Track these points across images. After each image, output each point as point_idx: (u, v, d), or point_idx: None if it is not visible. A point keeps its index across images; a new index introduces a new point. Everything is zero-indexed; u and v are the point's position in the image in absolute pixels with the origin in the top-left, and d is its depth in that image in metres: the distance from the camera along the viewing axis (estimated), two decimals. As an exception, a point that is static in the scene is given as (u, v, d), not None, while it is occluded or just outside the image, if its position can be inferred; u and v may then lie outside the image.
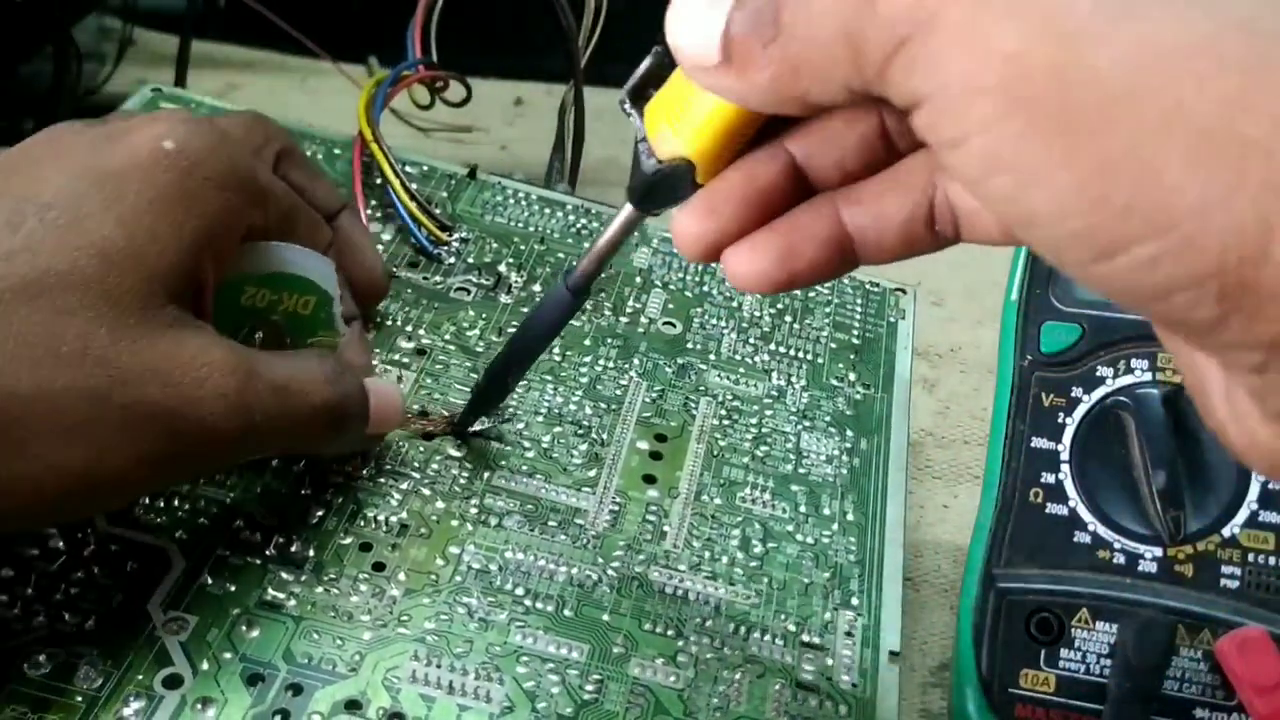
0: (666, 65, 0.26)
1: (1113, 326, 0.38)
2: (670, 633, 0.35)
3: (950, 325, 0.56)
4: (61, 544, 0.33)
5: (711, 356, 0.44)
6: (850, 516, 0.39)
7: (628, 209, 0.29)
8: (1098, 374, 0.37)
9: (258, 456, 0.35)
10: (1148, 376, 0.37)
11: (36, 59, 0.65)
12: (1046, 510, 0.36)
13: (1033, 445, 0.37)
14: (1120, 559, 0.35)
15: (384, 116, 0.48)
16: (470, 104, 0.54)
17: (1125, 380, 0.37)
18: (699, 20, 0.22)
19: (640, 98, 0.27)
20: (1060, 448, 0.37)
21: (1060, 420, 0.37)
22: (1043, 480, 0.37)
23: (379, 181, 0.47)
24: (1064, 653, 0.35)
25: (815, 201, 0.26)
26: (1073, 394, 0.37)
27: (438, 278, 0.45)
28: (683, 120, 0.25)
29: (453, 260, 0.46)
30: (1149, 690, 0.33)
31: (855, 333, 0.47)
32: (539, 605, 0.34)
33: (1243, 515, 0.35)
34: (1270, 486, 0.35)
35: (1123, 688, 0.33)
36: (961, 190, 0.25)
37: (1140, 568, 0.35)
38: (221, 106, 0.51)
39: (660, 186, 0.27)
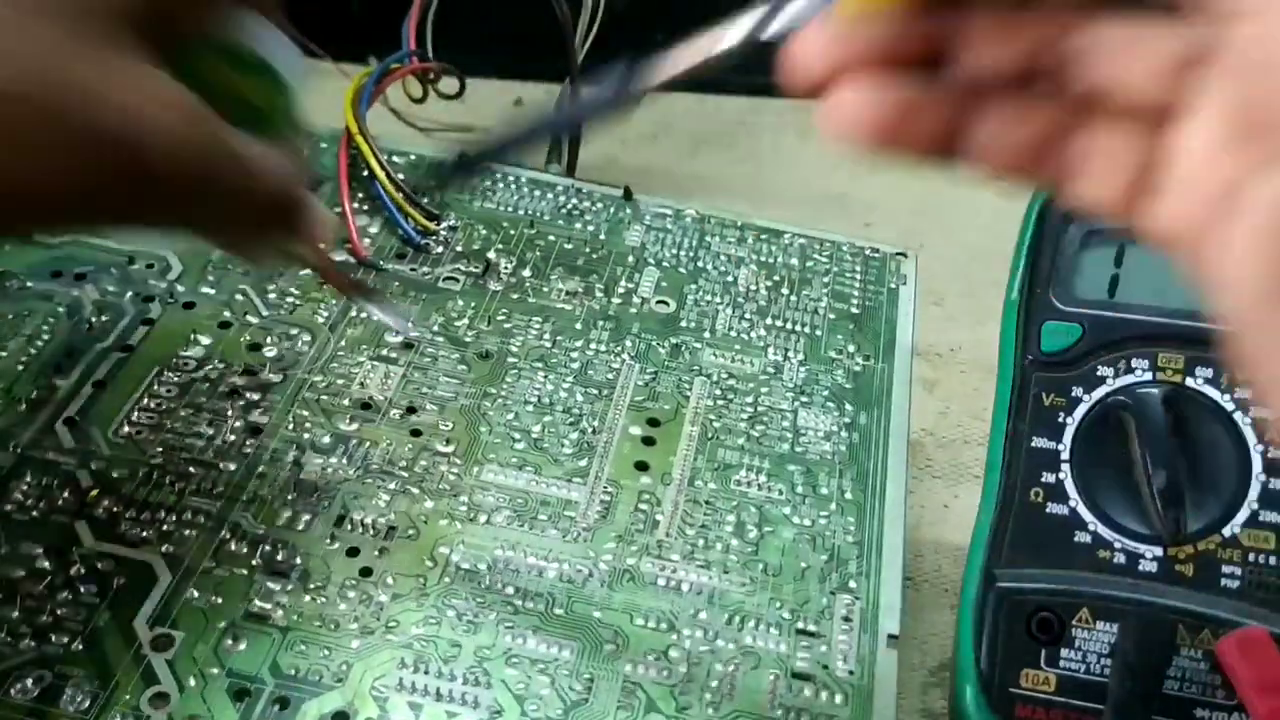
0: None
1: (1113, 326, 0.37)
2: (663, 626, 0.34)
3: (950, 325, 0.55)
4: (47, 564, 0.33)
5: (706, 334, 0.44)
6: (849, 495, 0.38)
7: (748, 19, 0.25)
8: (1098, 374, 0.37)
9: (191, 226, 0.30)
10: (1148, 376, 0.36)
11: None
12: (1047, 510, 0.36)
13: (1033, 445, 0.36)
14: (1120, 559, 0.35)
15: (384, 117, 0.48)
16: (470, 104, 0.54)
17: (1125, 380, 0.36)
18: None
19: None
20: (1060, 448, 0.36)
21: (1060, 420, 0.37)
22: (1043, 480, 0.36)
23: (365, 174, 0.46)
24: (1064, 652, 0.34)
25: (947, 83, 0.23)
26: (1073, 394, 0.37)
27: (426, 268, 0.45)
28: None
29: (441, 250, 0.45)
30: (1149, 690, 0.33)
31: (855, 302, 0.46)
32: (528, 604, 0.34)
33: (1243, 515, 0.34)
34: (1271, 486, 0.34)
35: (1123, 687, 0.33)
36: (1105, 139, 0.22)
37: (1140, 567, 0.35)
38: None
39: None
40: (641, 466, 0.38)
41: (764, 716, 0.32)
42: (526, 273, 0.45)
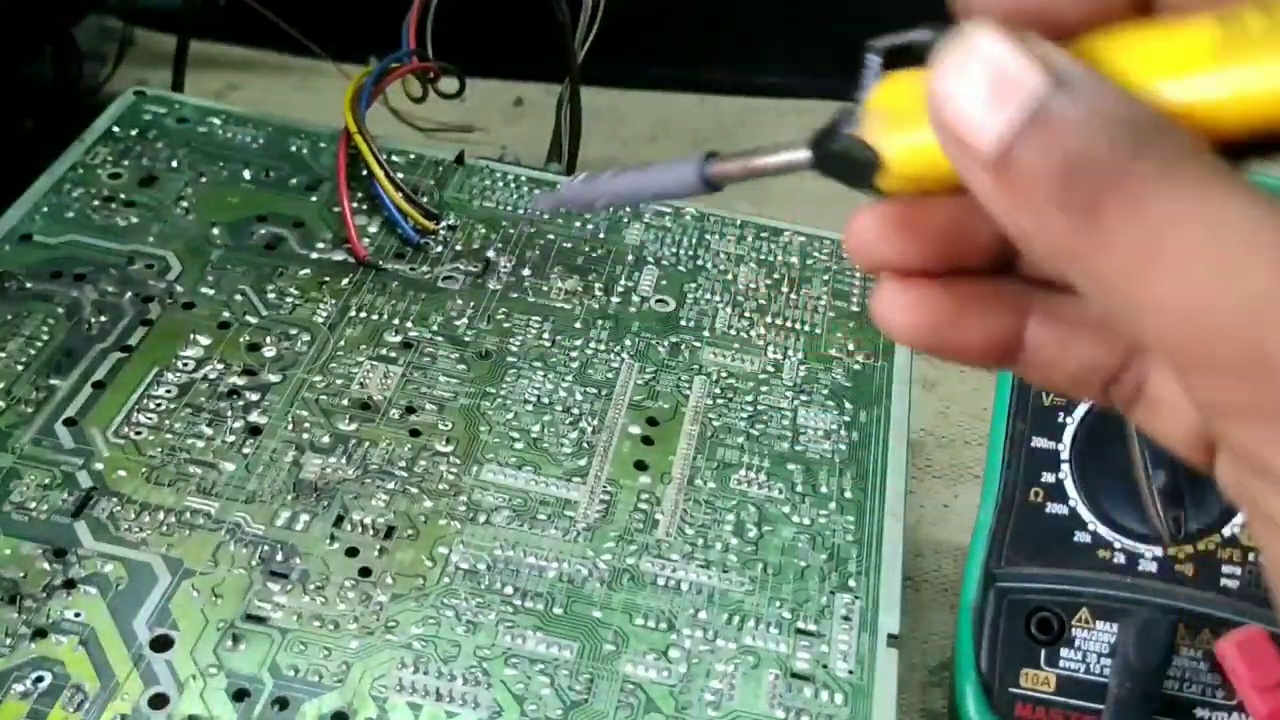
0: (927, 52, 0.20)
1: None
2: (662, 626, 0.34)
3: None
4: (47, 565, 0.33)
5: (706, 333, 0.44)
6: (849, 494, 0.38)
7: (802, 152, 0.23)
8: None
9: None
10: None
11: (37, 59, 0.65)
12: (1046, 510, 0.36)
13: (1033, 445, 0.37)
14: (1120, 558, 0.35)
15: (385, 118, 0.47)
16: (471, 104, 0.54)
17: None
18: (987, 97, 0.16)
19: (893, 59, 0.22)
20: (1060, 447, 0.36)
21: (1060, 420, 0.37)
22: (1043, 480, 0.36)
23: (364, 173, 0.46)
24: (1064, 652, 0.34)
25: (1009, 288, 0.21)
26: None
27: (424, 268, 0.45)
28: (908, 129, 0.20)
29: (440, 249, 0.45)
30: (1149, 690, 0.33)
31: (855, 299, 0.46)
32: (528, 604, 0.34)
33: (1243, 514, 0.34)
34: None
35: (1123, 687, 0.33)
36: (1166, 380, 0.20)
37: (1141, 567, 0.35)
38: (213, 108, 0.50)
39: (842, 158, 0.22)
40: (641, 466, 0.38)
41: (764, 716, 0.32)
42: (526, 272, 0.45)
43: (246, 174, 0.47)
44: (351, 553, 0.35)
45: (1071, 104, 0.16)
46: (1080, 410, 0.37)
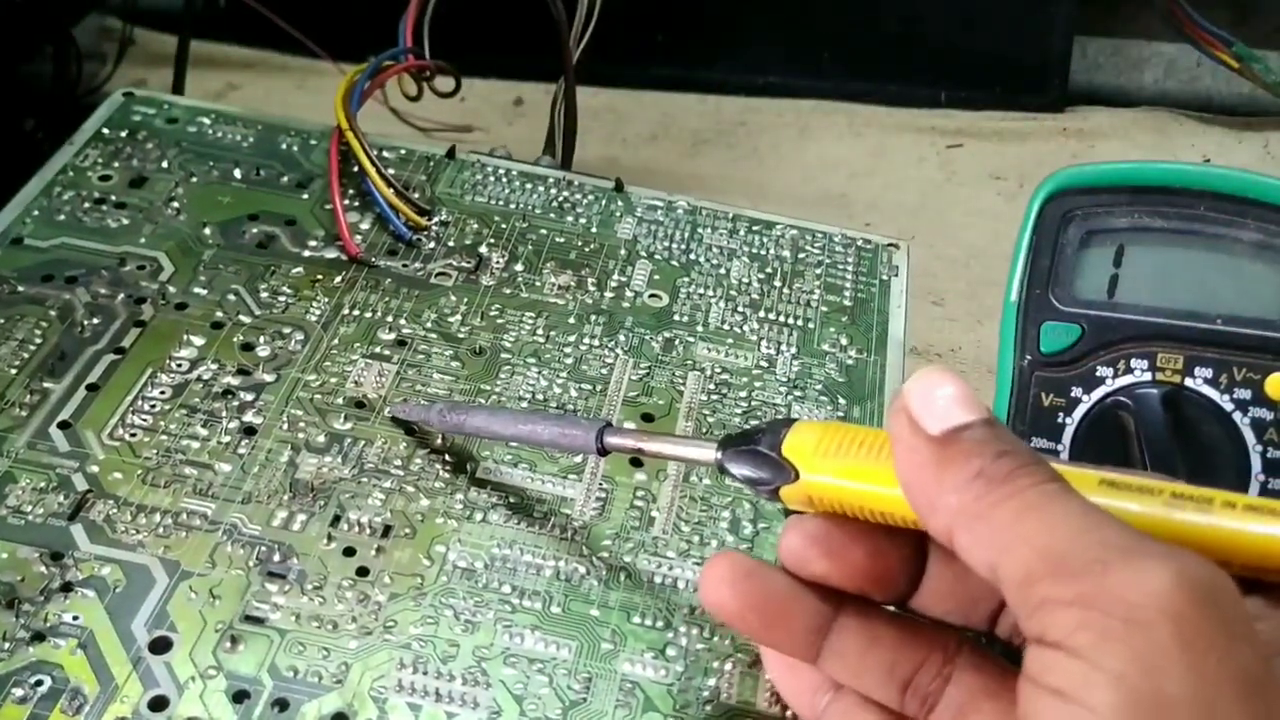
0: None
1: (1112, 326, 0.37)
2: (660, 624, 0.34)
3: (950, 325, 0.55)
4: (44, 569, 0.33)
5: (699, 328, 0.44)
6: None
7: (711, 451, 0.30)
8: (1097, 374, 0.37)
9: None
10: (1147, 376, 0.36)
11: (37, 59, 0.65)
12: None
13: (1032, 445, 0.36)
14: None
15: (386, 118, 0.47)
16: (471, 104, 0.54)
17: (1125, 380, 0.36)
18: (945, 394, 0.24)
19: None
20: (1060, 448, 0.36)
21: (1060, 420, 0.37)
22: None
23: (355, 169, 0.46)
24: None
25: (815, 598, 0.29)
26: (1072, 394, 0.37)
27: (417, 264, 0.45)
28: (837, 452, 0.27)
29: (433, 245, 0.45)
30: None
31: (847, 294, 0.46)
32: (525, 603, 0.34)
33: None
34: (1269, 485, 0.35)
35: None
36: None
37: None
38: (202, 107, 0.50)
39: (760, 459, 0.28)
40: (636, 463, 0.38)
41: (762, 714, 0.32)
42: (519, 267, 0.45)
43: (237, 173, 0.47)
44: (349, 552, 0.35)
45: (995, 431, 0.24)
46: (1080, 411, 0.37)
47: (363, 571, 0.34)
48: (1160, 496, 0.23)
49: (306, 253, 0.44)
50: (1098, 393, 0.37)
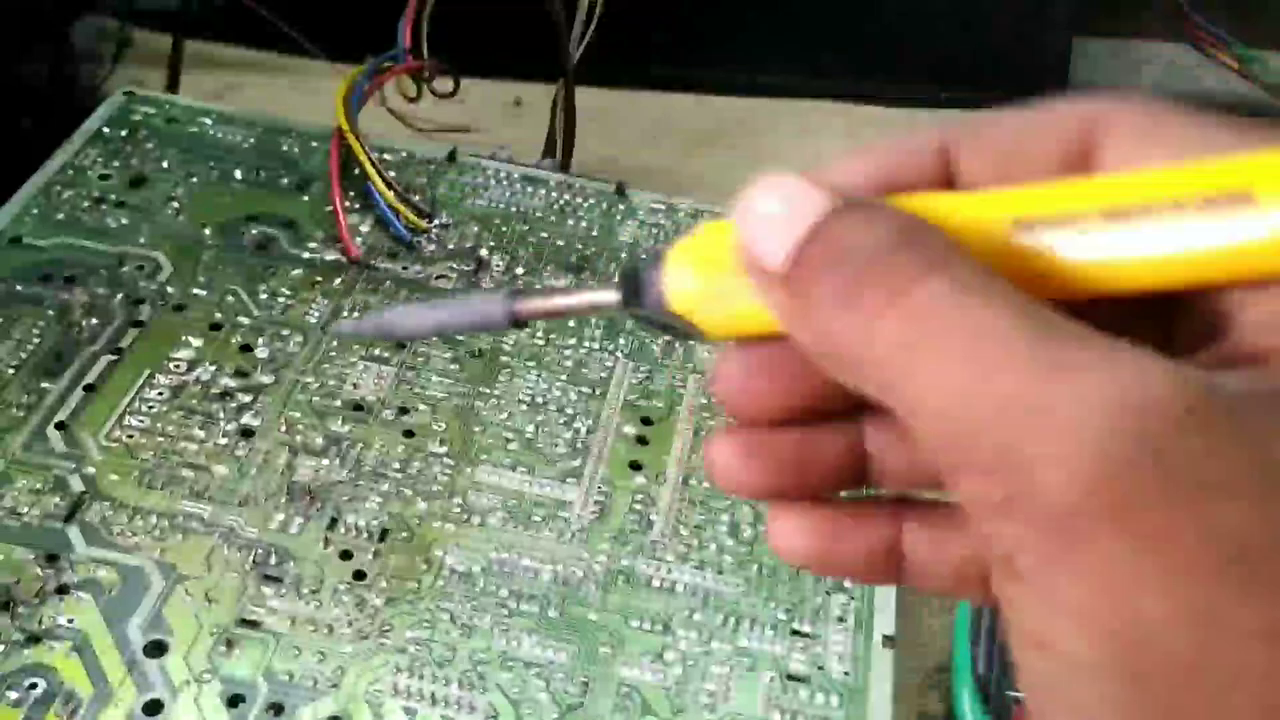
0: None
1: None
2: (658, 628, 0.34)
3: None
4: (39, 570, 0.33)
5: (700, 331, 0.43)
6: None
7: (612, 297, 0.22)
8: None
9: None
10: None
11: (33, 59, 0.65)
12: None
13: None
14: None
15: (382, 118, 0.47)
16: (470, 105, 0.53)
17: None
18: (777, 214, 0.18)
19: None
20: None
21: None
22: None
23: (356, 172, 0.46)
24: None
25: (883, 505, 0.21)
26: None
27: (417, 267, 0.44)
28: (714, 287, 0.20)
29: (433, 248, 0.45)
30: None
31: (848, 296, 0.46)
32: (523, 607, 0.34)
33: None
34: None
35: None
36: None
37: None
38: (203, 108, 0.50)
39: (660, 320, 0.22)
40: (635, 466, 0.38)
41: (760, 718, 0.32)
42: (519, 270, 0.45)
43: (237, 174, 0.47)
44: (345, 556, 0.35)
45: (848, 217, 0.17)
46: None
47: (359, 575, 0.34)
48: (1091, 218, 0.17)
49: (306, 254, 0.44)
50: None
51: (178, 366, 0.39)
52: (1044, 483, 0.15)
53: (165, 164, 0.47)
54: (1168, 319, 0.18)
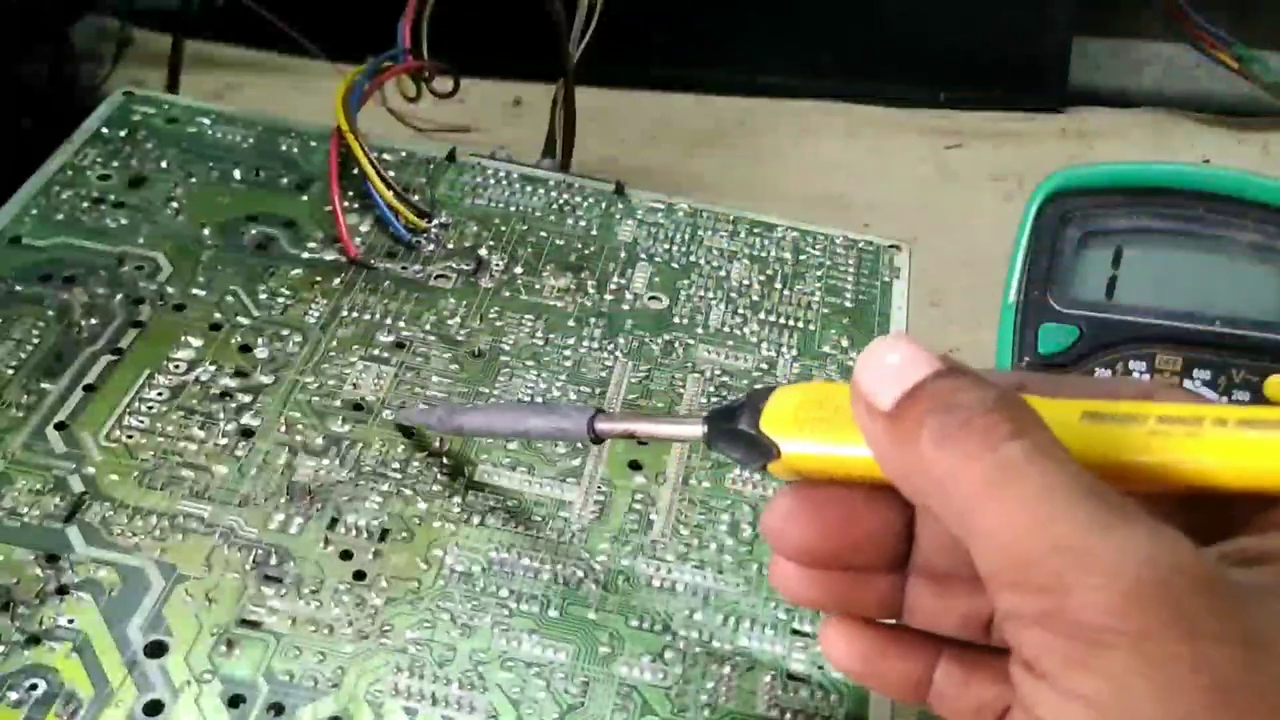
0: None
1: (1110, 328, 0.37)
2: (658, 628, 0.34)
3: (949, 326, 0.55)
4: (39, 571, 0.33)
5: (699, 330, 0.43)
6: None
7: (697, 428, 0.28)
8: (1095, 375, 0.37)
9: None
10: (1145, 378, 0.36)
11: (33, 59, 0.65)
12: None
13: None
14: None
15: (381, 118, 0.47)
16: (470, 105, 0.53)
17: None
18: (893, 361, 0.22)
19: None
20: None
21: None
22: None
23: (356, 172, 0.46)
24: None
25: (922, 638, 0.26)
26: None
27: (416, 266, 0.44)
28: (814, 425, 0.25)
29: (432, 247, 0.45)
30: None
31: (848, 295, 0.46)
32: (523, 607, 0.34)
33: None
34: None
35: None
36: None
37: None
38: (202, 107, 0.50)
39: (741, 442, 0.26)
40: (635, 466, 0.38)
41: (760, 718, 0.32)
42: (518, 270, 0.45)
43: (237, 174, 0.47)
44: (345, 556, 0.35)
45: (954, 378, 0.22)
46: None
47: (359, 575, 0.34)
48: (1146, 423, 0.22)
49: (305, 254, 0.44)
50: (1097, 396, 0.36)
51: (177, 366, 0.39)
52: (1080, 604, 0.19)
53: (165, 164, 0.47)
54: (1193, 513, 0.22)
